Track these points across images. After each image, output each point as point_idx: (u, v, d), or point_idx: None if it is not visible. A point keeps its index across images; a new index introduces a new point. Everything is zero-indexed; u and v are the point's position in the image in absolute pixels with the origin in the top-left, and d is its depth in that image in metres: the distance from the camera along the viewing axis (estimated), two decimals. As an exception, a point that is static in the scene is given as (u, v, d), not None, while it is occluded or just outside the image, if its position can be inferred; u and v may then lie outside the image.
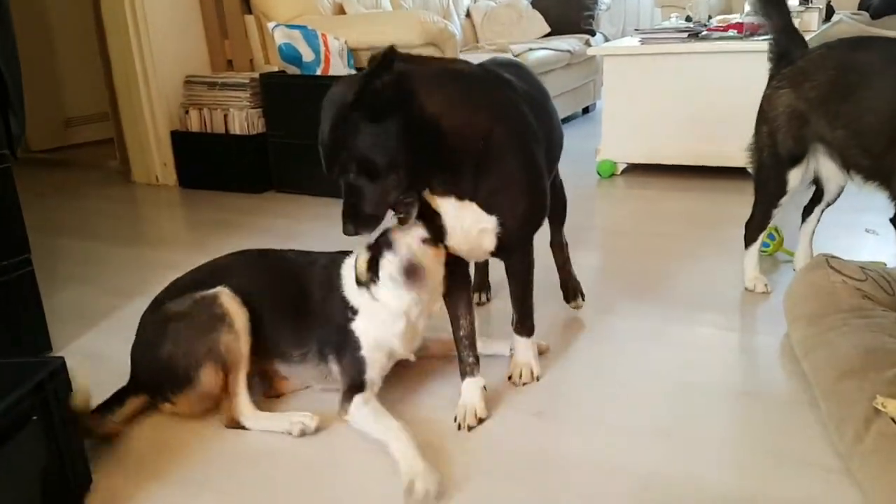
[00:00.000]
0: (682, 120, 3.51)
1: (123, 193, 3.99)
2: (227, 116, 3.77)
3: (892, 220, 2.37)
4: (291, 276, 1.72)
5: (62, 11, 4.97)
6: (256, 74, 3.78)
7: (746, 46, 3.29)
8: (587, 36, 5.43)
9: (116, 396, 1.64)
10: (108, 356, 1.99)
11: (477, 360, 1.67)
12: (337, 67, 3.53)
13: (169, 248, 3.09)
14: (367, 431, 1.54)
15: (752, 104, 2.17)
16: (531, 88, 1.71)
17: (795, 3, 3.87)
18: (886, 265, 1.95)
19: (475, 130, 1.45)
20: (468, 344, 1.67)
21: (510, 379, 1.77)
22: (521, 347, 1.79)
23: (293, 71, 3.63)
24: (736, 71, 3.28)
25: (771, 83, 2.11)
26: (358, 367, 1.61)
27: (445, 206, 1.52)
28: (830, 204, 2.29)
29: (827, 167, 2.05)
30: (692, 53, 3.45)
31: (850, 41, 2.06)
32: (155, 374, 1.63)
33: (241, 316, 1.62)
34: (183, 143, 3.94)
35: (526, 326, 1.77)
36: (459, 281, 1.68)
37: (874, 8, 4.91)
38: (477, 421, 1.59)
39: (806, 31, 3.63)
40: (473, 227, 1.54)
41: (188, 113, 3.87)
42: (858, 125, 1.89)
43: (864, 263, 1.86)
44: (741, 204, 2.32)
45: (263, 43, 4.05)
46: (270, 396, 1.75)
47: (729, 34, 3.49)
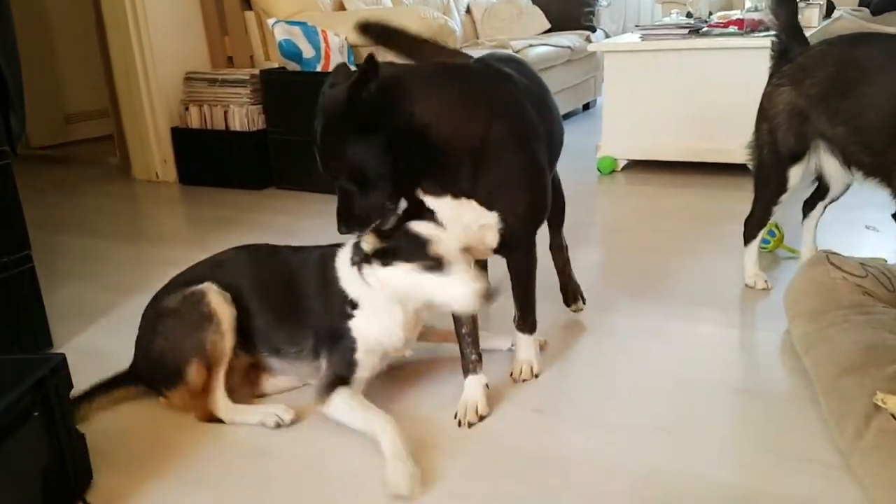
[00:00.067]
0: (682, 116, 3.50)
1: (123, 190, 3.99)
2: (227, 113, 3.76)
3: (894, 216, 2.38)
4: (287, 271, 1.71)
5: (62, 8, 4.97)
6: (256, 71, 3.78)
7: (747, 43, 3.29)
8: (587, 32, 5.42)
9: (112, 382, 1.69)
10: (108, 352, 1.99)
11: (480, 357, 1.67)
12: (337, 63, 3.52)
13: (169, 244, 3.09)
14: (348, 422, 1.54)
15: (752, 101, 2.16)
16: (531, 83, 1.71)
17: (796, -2, 3.86)
18: (887, 262, 1.94)
19: (470, 134, 1.45)
20: (471, 341, 1.66)
21: (512, 375, 1.77)
22: (522, 344, 1.79)
23: (293, 67, 3.63)
24: (737, 67, 3.27)
25: (771, 80, 2.11)
26: (349, 366, 1.59)
27: (440, 204, 1.51)
28: (834, 200, 2.28)
29: (829, 165, 2.05)
30: (693, 50, 3.45)
31: (850, 38, 2.06)
32: (149, 368, 1.67)
33: (227, 314, 1.62)
34: (183, 139, 3.94)
35: (528, 323, 1.77)
36: None
37: (874, 4, 4.90)
38: (478, 418, 1.60)
39: (806, 27, 3.60)
40: (474, 223, 1.54)
41: (188, 109, 3.87)
42: (859, 122, 1.89)
43: (864, 260, 1.86)
44: (741, 201, 2.32)
45: (264, 39, 4.04)
46: (256, 396, 1.75)
47: (729, 31, 3.48)
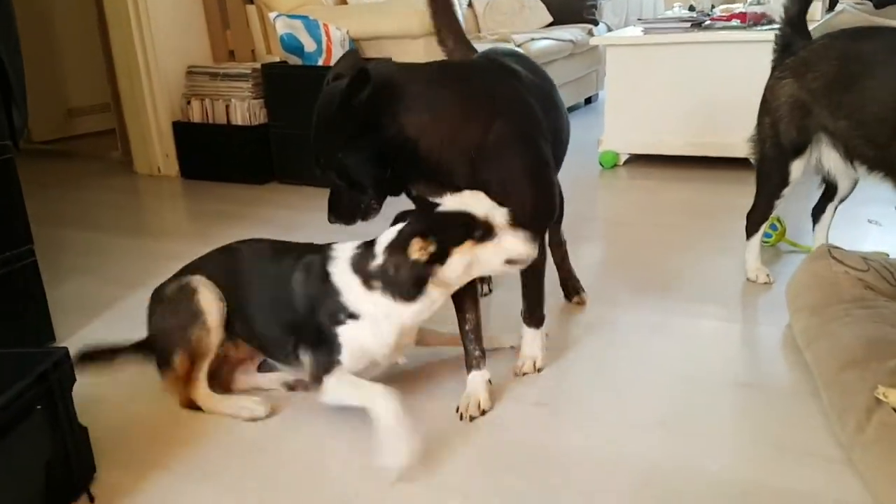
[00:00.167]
0: (685, 111, 3.49)
1: (125, 184, 4.00)
2: (228, 107, 3.76)
3: (897, 209, 2.37)
4: (282, 275, 1.64)
5: (64, 2, 4.97)
6: (258, 65, 3.78)
7: (750, 36, 3.28)
8: (590, 26, 5.40)
9: (121, 349, 1.72)
10: (111, 347, 2.00)
11: (483, 353, 1.67)
12: (339, 58, 3.52)
13: (171, 238, 3.09)
14: (347, 401, 1.53)
15: (755, 94, 2.16)
16: (537, 78, 1.70)
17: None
18: (889, 256, 1.94)
19: (467, 139, 1.45)
20: (474, 338, 1.66)
21: (515, 368, 1.77)
22: (528, 338, 1.78)
23: (295, 61, 3.62)
24: (739, 61, 3.27)
25: (774, 73, 2.11)
26: (331, 366, 1.55)
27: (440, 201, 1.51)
28: (844, 200, 2.27)
29: (831, 159, 2.04)
30: (695, 43, 3.44)
31: (853, 31, 2.05)
32: (150, 347, 1.71)
33: (215, 311, 1.64)
34: (185, 133, 3.94)
35: (536, 317, 1.76)
36: None
37: (878, -3, 4.88)
38: (480, 412, 1.60)
39: (809, 21, 3.59)
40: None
41: (190, 103, 3.87)
42: (862, 115, 1.88)
43: (866, 254, 1.86)
44: (743, 194, 2.32)
45: (265, 33, 4.04)
46: (253, 388, 1.76)
47: (732, 24, 3.47)
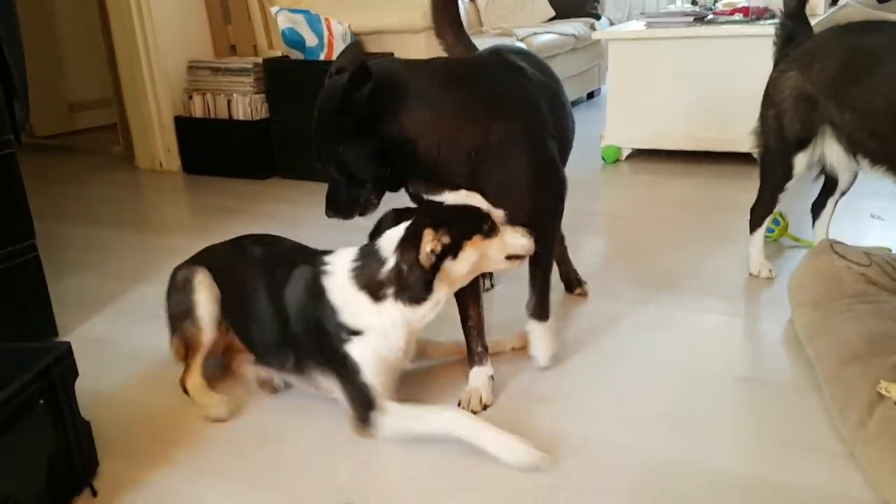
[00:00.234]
0: (687, 105, 3.49)
1: (127, 179, 3.99)
2: (230, 102, 3.76)
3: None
4: (276, 282, 1.60)
5: (65, -4, 4.96)
6: (260, 59, 3.77)
7: (752, 30, 3.27)
8: (592, 20, 5.39)
9: None
10: (113, 340, 2.01)
11: (486, 349, 1.67)
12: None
13: (173, 233, 3.09)
14: (415, 435, 1.46)
15: (758, 89, 2.15)
16: (544, 76, 1.68)
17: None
18: (891, 251, 1.94)
19: (469, 138, 1.44)
20: (476, 333, 1.66)
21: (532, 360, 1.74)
22: (538, 332, 1.73)
23: (296, 56, 3.62)
24: (742, 55, 3.26)
25: (778, 66, 2.09)
26: (364, 390, 1.48)
27: (438, 199, 1.51)
28: (844, 193, 2.26)
29: (836, 155, 2.03)
30: (698, 38, 3.43)
31: (859, 24, 2.05)
32: None
33: (207, 311, 1.67)
34: (186, 128, 3.94)
35: (543, 309, 1.72)
36: None
37: (881, -9, 4.86)
38: (481, 407, 1.60)
39: (812, 14, 3.59)
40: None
41: (192, 98, 3.87)
42: (867, 109, 1.88)
43: (868, 249, 1.86)
44: (746, 189, 2.31)
45: (267, 27, 4.03)
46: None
47: (735, 18, 3.46)
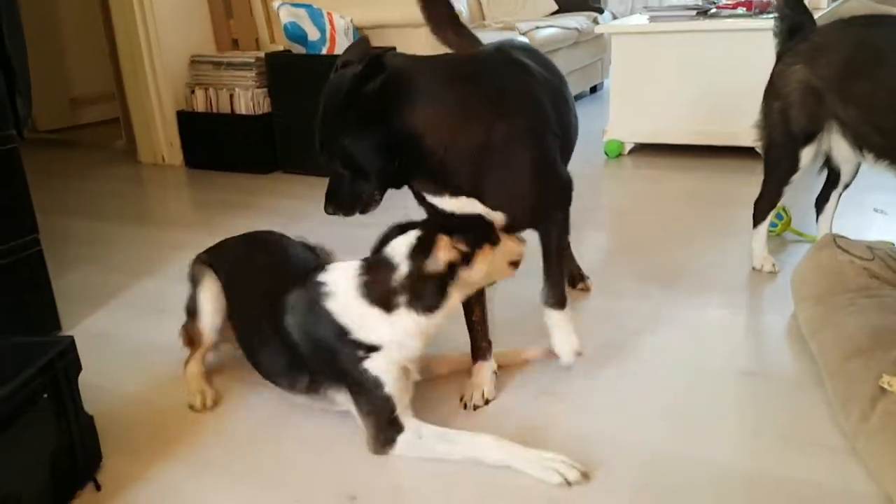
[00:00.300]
0: (690, 99, 3.48)
1: (129, 173, 4.00)
2: (232, 96, 3.76)
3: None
4: (278, 307, 1.52)
5: (67, -9, 4.96)
6: (262, 54, 3.77)
7: (756, 24, 3.26)
8: (595, 14, 5.38)
9: None
10: (116, 334, 2.01)
11: (489, 344, 1.67)
12: (343, 46, 3.51)
13: (175, 227, 3.10)
14: (433, 458, 1.42)
15: (761, 83, 2.14)
16: (548, 73, 1.67)
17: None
18: (894, 245, 1.93)
19: (475, 138, 1.42)
20: (480, 328, 1.66)
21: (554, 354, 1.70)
22: (556, 322, 1.67)
23: (299, 50, 3.61)
24: (745, 49, 3.25)
25: (783, 59, 2.07)
26: (385, 406, 1.42)
27: (440, 202, 1.49)
28: (847, 186, 2.25)
29: (840, 147, 2.03)
30: (701, 31, 3.42)
31: (865, 18, 2.04)
32: None
33: (209, 315, 1.68)
34: (189, 123, 3.94)
35: (558, 297, 1.66)
36: None
37: (886, -15, 4.84)
38: (484, 402, 1.60)
39: (816, 9, 3.59)
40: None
41: (194, 93, 3.87)
42: (872, 103, 1.88)
43: (871, 243, 1.86)
44: (749, 183, 2.31)
45: (269, 22, 4.02)
46: None
47: (738, 12, 3.45)
